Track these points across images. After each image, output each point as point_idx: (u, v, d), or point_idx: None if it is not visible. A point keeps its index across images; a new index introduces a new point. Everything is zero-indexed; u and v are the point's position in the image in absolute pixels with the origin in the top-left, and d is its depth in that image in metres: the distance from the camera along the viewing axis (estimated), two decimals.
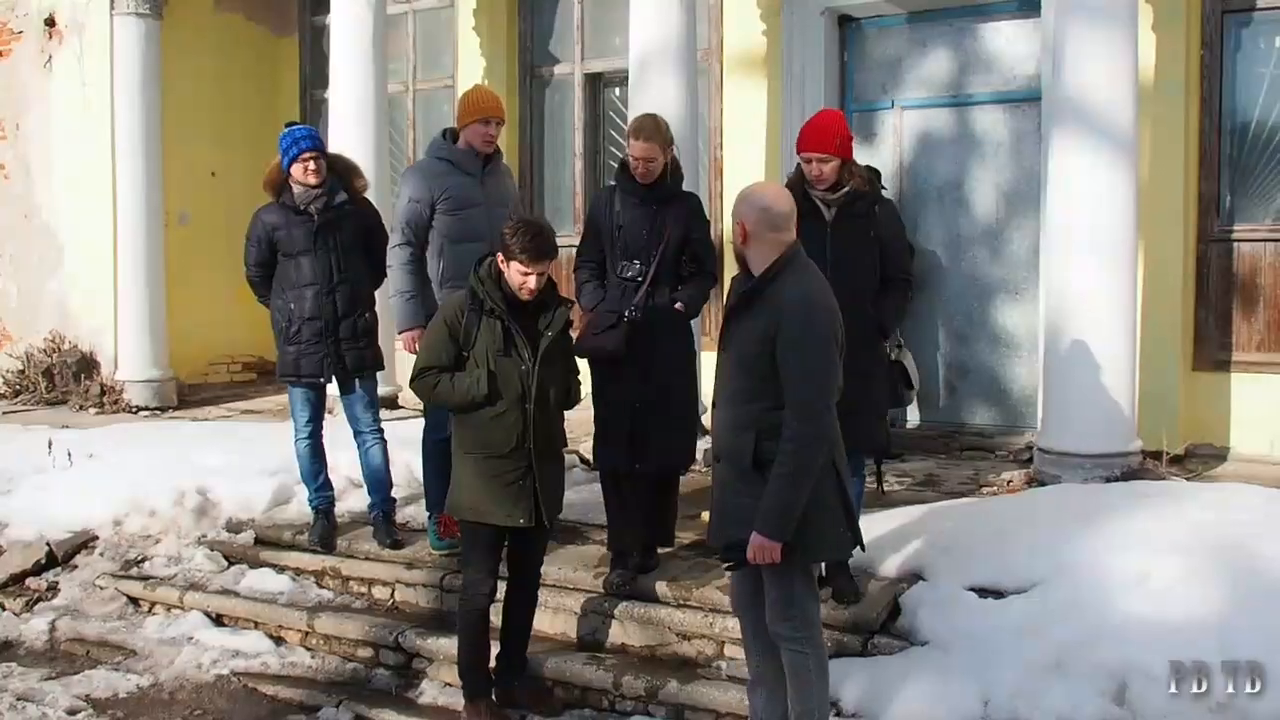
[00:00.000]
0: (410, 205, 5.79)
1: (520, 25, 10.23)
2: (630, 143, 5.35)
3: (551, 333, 4.75)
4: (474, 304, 4.70)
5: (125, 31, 10.32)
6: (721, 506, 4.08)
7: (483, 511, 4.75)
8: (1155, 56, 7.43)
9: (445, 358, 4.73)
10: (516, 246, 4.56)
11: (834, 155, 4.88)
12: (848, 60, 8.89)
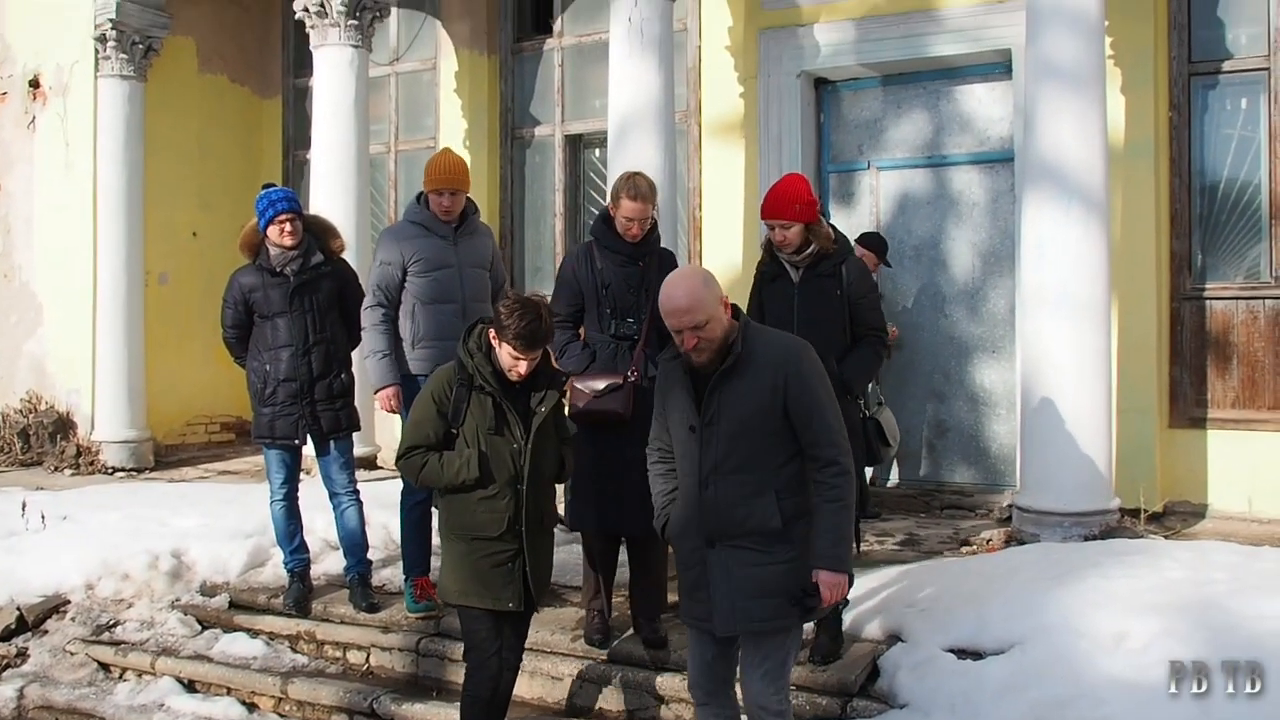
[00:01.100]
0: (381, 268, 5.90)
1: (501, 87, 10.33)
2: (622, 202, 5.27)
3: (545, 409, 4.49)
4: (463, 379, 4.45)
5: (110, 93, 10.39)
6: (735, 587, 3.83)
7: (471, 595, 4.50)
8: (1125, 118, 7.56)
9: (433, 436, 4.47)
10: (511, 330, 4.29)
11: (795, 221, 5.02)
12: (824, 122, 9.00)
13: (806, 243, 5.07)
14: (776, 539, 3.81)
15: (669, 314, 3.78)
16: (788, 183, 5.20)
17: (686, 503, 3.93)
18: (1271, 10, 7.41)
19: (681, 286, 3.79)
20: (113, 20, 10.23)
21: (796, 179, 5.26)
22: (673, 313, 3.77)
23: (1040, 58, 6.40)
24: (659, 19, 7.57)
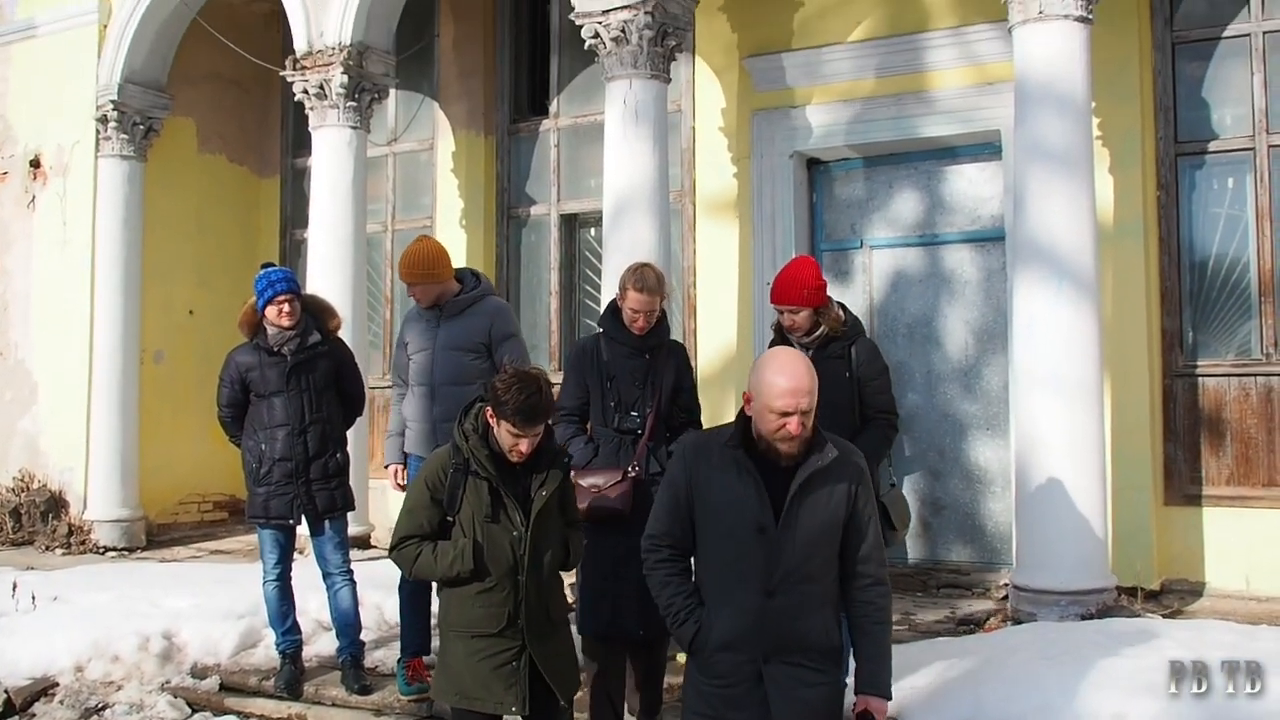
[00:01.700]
0: (397, 348, 6.19)
1: (498, 167, 10.45)
2: (628, 294, 5.16)
3: (546, 492, 4.17)
4: (458, 463, 4.15)
5: (109, 172, 10.50)
6: (796, 710, 3.51)
7: (470, 698, 4.13)
8: (1114, 197, 7.66)
9: (427, 525, 4.18)
10: (509, 406, 4.00)
11: (803, 306, 5.08)
12: (817, 201, 9.10)
13: (815, 325, 5.13)
14: (829, 658, 3.58)
15: (787, 393, 3.41)
16: (796, 267, 5.23)
17: (742, 612, 3.52)
18: (1255, 92, 7.54)
19: (800, 364, 3.53)
20: (114, 101, 10.38)
21: (805, 262, 5.29)
22: (793, 391, 3.42)
23: (1029, 139, 6.50)
24: (654, 101, 7.70)
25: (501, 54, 10.51)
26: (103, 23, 10.55)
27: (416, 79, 10.80)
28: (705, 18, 8.94)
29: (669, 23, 7.71)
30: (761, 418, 3.47)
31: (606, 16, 7.65)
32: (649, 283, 5.15)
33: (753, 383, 3.50)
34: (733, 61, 9.14)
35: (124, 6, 10.32)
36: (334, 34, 8.99)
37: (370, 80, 9.16)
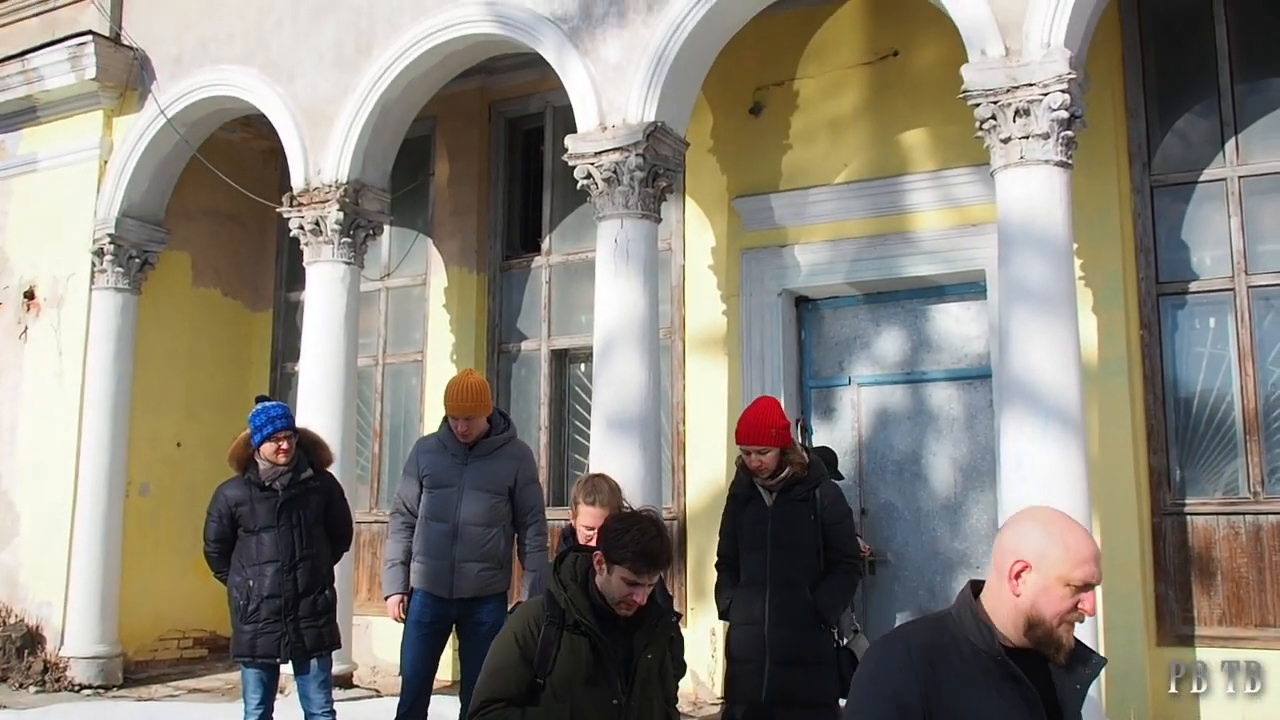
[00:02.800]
0: (404, 477, 6.16)
1: (489, 303, 10.57)
2: (580, 509, 4.84)
3: (652, 654, 3.74)
4: (553, 616, 3.68)
5: (103, 305, 10.56)
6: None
7: None
8: (1097, 336, 7.77)
9: (515, 687, 3.63)
10: (630, 548, 3.57)
11: (771, 446, 5.08)
12: (805, 338, 9.20)
13: (781, 467, 5.12)
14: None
15: (1091, 558, 2.60)
16: (762, 407, 5.26)
17: None
18: (1233, 234, 7.72)
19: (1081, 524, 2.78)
20: (111, 235, 10.49)
21: (769, 403, 5.31)
22: (1096, 556, 2.61)
23: (1012, 279, 6.60)
24: (644, 240, 7.83)
25: (495, 192, 10.73)
26: (104, 158, 10.72)
27: (411, 215, 10.99)
28: (695, 159, 9.16)
29: (660, 164, 7.89)
30: (1047, 595, 2.56)
31: (599, 158, 7.83)
32: (602, 495, 4.76)
33: (1030, 548, 2.60)
34: (722, 202, 9.34)
35: (126, 143, 10.52)
36: (331, 172, 9.17)
37: (365, 217, 9.31)
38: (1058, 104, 6.49)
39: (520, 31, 8.37)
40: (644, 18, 7.86)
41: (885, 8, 8.78)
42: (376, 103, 9.03)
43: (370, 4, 9.10)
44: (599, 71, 8.01)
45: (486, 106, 10.78)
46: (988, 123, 6.68)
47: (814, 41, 9.14)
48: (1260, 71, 7.83)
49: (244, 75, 9.83)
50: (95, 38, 10.32)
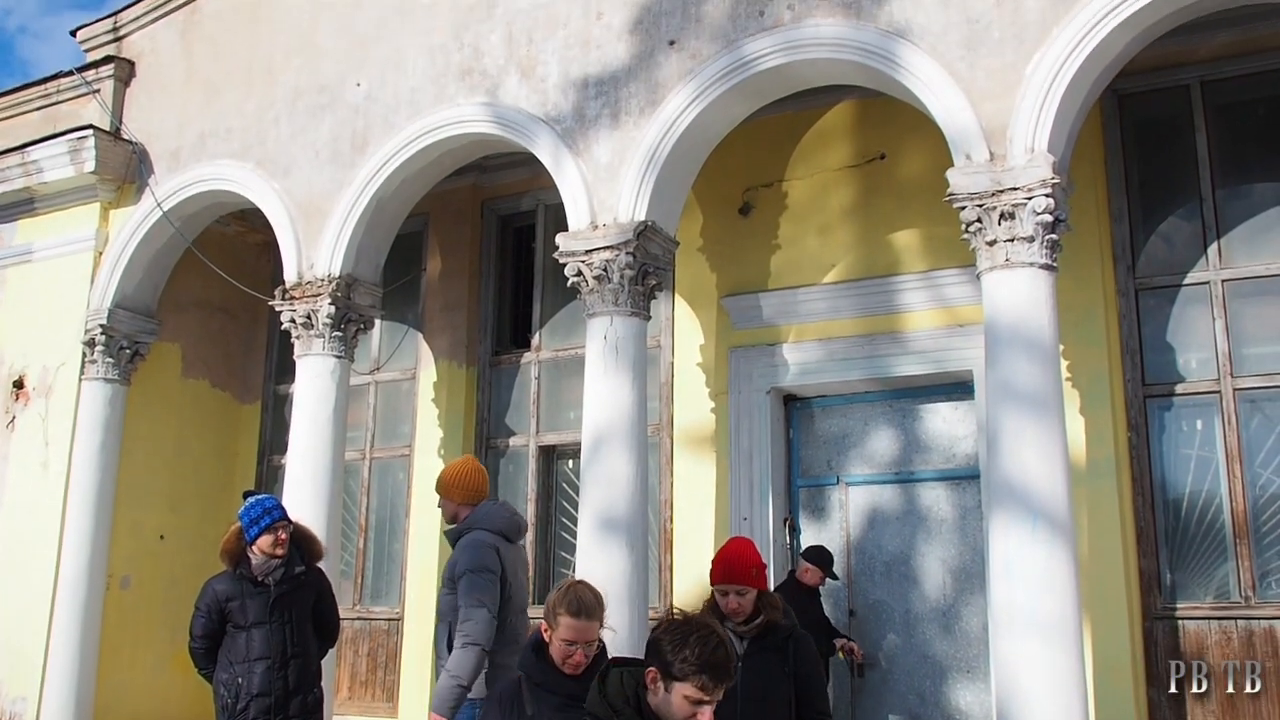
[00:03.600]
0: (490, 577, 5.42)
1: (478, 398, 10.57)
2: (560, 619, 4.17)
3: None
4: None
5: (92, 396, 10.53)
6: None
7: None
8: (1085, 437, 7.78)
9: None
10: (691, 662, 3.23)
11: (751, 587, 4.67)
12: (794, 437, 9.20)
13: (757, 611, 4.69)
14: None
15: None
16: (740, 545, 4.86)
17: None
18: (1217, 337, 7.77)
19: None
20: (103, 326, 10.50)
21: (746, 542, 4.93)
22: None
23: (1000, 381, 6.62)
24: (633, 337, 7.86)
25: (486, 288, 10.80)
26: (98, 250, 10.77)
27: (402, 310, 11.05)
28: (685, 258, 9.25)
29: (650, 263, 7.96)
30: None
31: (589, 256, 7.90)
32: (586, 603, 4.18)
33: None
34: (711, 300, 9.41)
35: (121, 235, 10.59)
36: (324, 266, 9.23)
37: (357, 311, 9.35)
38: (1042, 208, 6.58)
39: (515, 131, 8.50)
40: (636, 119, 8.00)
41: (872, 112, 8.94)
42: (371, 199, 9.12)
43: (367, 102, 9.26)
44: (591, 171, 8.12)
45: (479, 203, 10.91)
46: (973, 225, 6.77)
47: (802, 144, 9.29)
48: (1240, 177, 7.97)
49: (240, 170, 9.95)
50: (96, 132, 10.46)
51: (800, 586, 7.97)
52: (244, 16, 10.23)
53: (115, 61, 10.87)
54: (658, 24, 8.04)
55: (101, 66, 10.92)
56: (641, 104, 8.00)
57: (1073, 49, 6.66)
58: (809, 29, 7.44)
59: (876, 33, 7.21)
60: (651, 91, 7.97)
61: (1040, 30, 6.77)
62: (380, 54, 9.26)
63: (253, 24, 10.15)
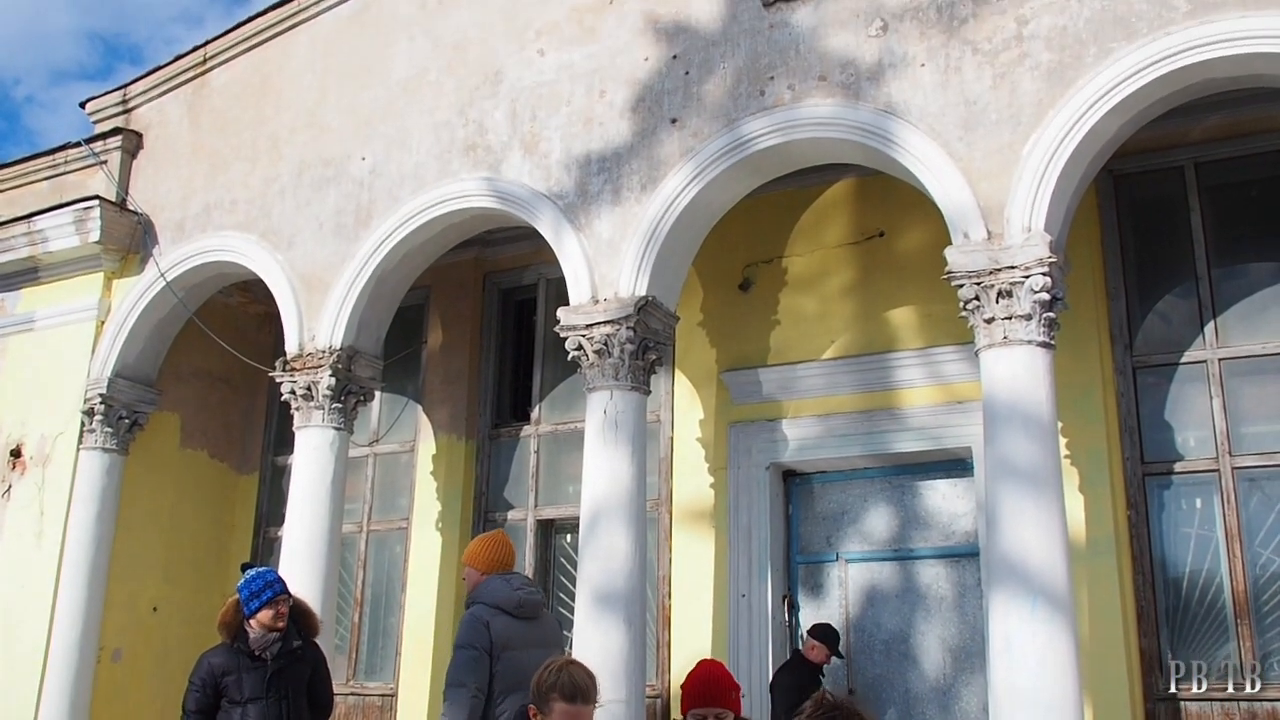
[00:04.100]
0: None
1: (477, 471, 10.55)
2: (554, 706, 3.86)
3: None
4: None
5: (89, 465, 10.50)
6: None
7: None
8: (1085, 515, 7.76)
9: None
10: None
11: (729, 710, 4.44)
12: (793, 513, 9.17)
13: None
14: None
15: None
16: (716, 667, 4.64)
17: None
18: (1215, 415, 7.79)
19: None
20: (103, 395, 10.50)
21: (718, 664, 4.73)
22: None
23: (998, 458, 6.63)
24: (633, 411, 7.87)
25: (486, 361, 10.84)
26: (100, 319, 10.81)
27: (402, 382, 11.07)
28: (685, 333, 9.30)
29: (650, 337, 8.00)
30: None
31: (590, 330, 7.94)
32: (582, 687, 3.89)
33: None
34: (711, 375, 9.44)
35: (124, 304, 10.64)
36: (325, 337, 9.26)
37: (357, 383, 9.37)
38: (1039, 286, 6.64)
39: (517, 206, 8.59)
40: (637, 196, 8.09)
41: (871, 190, 9.05)
42: (374, 271, 9.19)
43: (372, 176, 9.36)
44: (593, 246, 8.19)
45: (481, 277, 10.99)
46: (971, 303, 6.82)
47: (802, 221, 9.39)
48: (1235, 257, 8.05)
49: (244, 241, 10.03)
50: (102, 202, 10.56)
51: (805, 664, 7.91)
52: (252, 91, 10.38)
53: (123, 133, 11.01)
54: (659, 102, 8.17)
55: (109, 138, 11.06)
56: (643, 180, 8.10)
57: (1068, 131, 6.76)
58: (808, 108, 7.55)
59: (875, 113, 7.32)
60: (653, 168, 8.07)
61: (1036, 112, 6.89)
62: (386, 130, 9.39)
63: (260, 99, 10.30)
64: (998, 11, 7.13)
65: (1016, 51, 7.02)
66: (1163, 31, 6.62)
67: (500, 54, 8.97)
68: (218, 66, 10.68)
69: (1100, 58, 6.76)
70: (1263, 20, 6.39)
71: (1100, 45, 6.77)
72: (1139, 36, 6.68)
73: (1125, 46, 6.70)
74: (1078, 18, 6.88)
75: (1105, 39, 6.77)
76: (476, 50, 9.10)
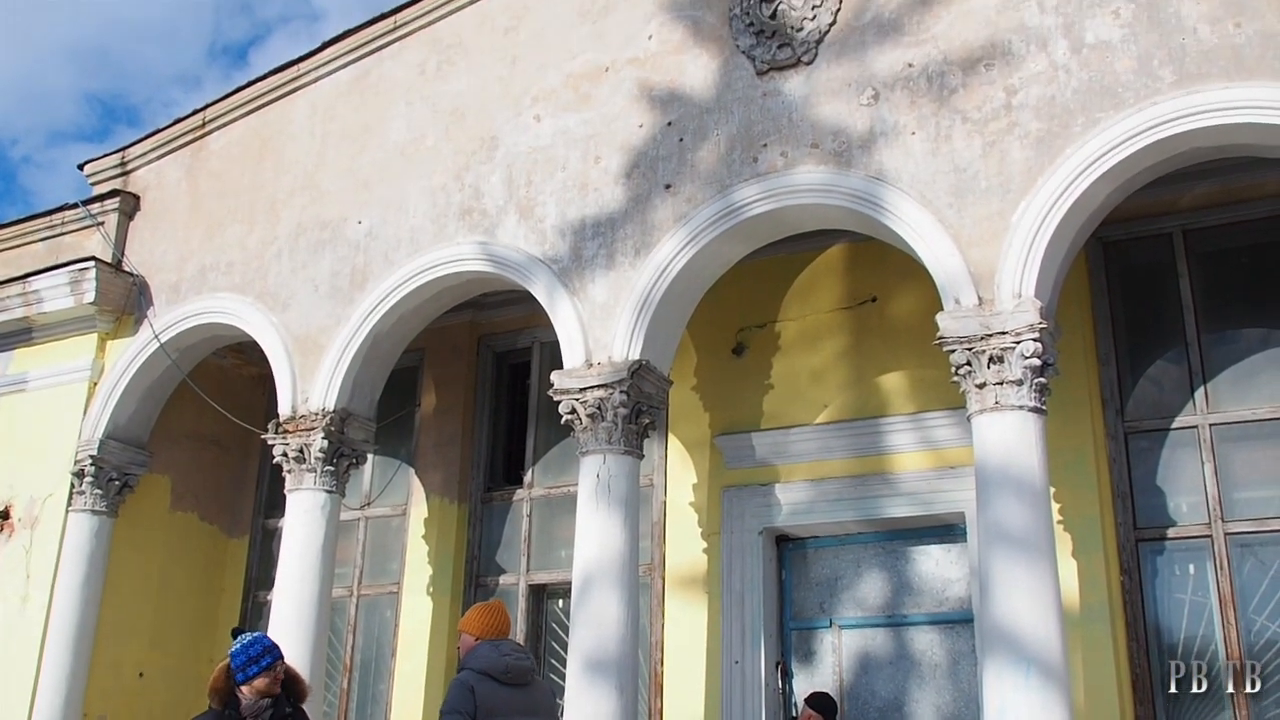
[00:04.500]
0: None
1: (469, 535, 10.50)
2: None
3: None
4: None
5: (78, 528, 10.42)
6: None
7: None
8: (1078, 581, 7.75)
9: None
10: None
11: None
12: (786, 578, 9.13)
13: None
14: None
15: None
16: None
17: None
18: (1207, 481, 7.81)
19: None
20: (94, 457, 10.45)
21: None
22: None
23: (990, 523, 6.62)
24: (626, 475, 7.86)
25: (480, 424, 10.83)
26: (93, 380, 10.78)
27: (395, 445, 11.05)
28: (678, 397, 9.32)
29: (643, 401, 8.02)
30: None
31: (584, 394, 7.96)
32: None
33: None
34: (704, 439, 9.44)
35: (117, 366, 10.63)
36: (319, 399, 9.26)
37: (350, 446, 9.35)
38: (1030, 352, 6.68)
39: (512, 270, 8.64)
40: (631, 260, 8.15)
41: (864, 256, 9.13)
42: (368, 334, 9.21)
43: (368, 239, 9.42)
44: (587, 310, 8.23)
45: (475, 340, 11.02)
46: (963, 368, 6.86)
47: (795, 286, 9.45)
48: (1224, 323, 8.11)
49: (240, 303, 10.05)
50: (98, 263, 10.59)
51: None
52: (250, 154, 10.47)
53: (121, 195, 11.07)
54: (654, 168, 8.26)
55: (107, 200, 11.12)
56: (637, 245, 8.16)
57: (1057, 198, 6.84)
58: (801, 175, 7.64)
59: (866, 180, 7.41)
60: (647, 233, 8.14)
61: (1025, 180, 6.97)
62: (383, 193, 9.46)
63: (259, 162, 10.39)
64: (987, 82, 7.24)
65: (1006, 121, 7.12)
66: (1149, 101, 6.73)
67: (497, 120, 9.07)
68: (217, 130, 10.78)
69: (1088, 127, 6.86)
70: (1246, 91, 6.50)
71: (1088, 115, 6.88)
72: (1126, 106, 6.79)
73: (1112, 116, 6.80)
74: (1065, 88, 7.00)
75: (1093, 109, 6.88)
76: (474, 116, 9.20)
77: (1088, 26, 7.02)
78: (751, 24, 8.09)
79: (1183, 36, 6.74)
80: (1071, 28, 7.07)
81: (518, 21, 9.23)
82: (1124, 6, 6.95)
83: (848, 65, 7.72)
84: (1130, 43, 6.88)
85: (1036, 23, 7.18)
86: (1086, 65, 6.97)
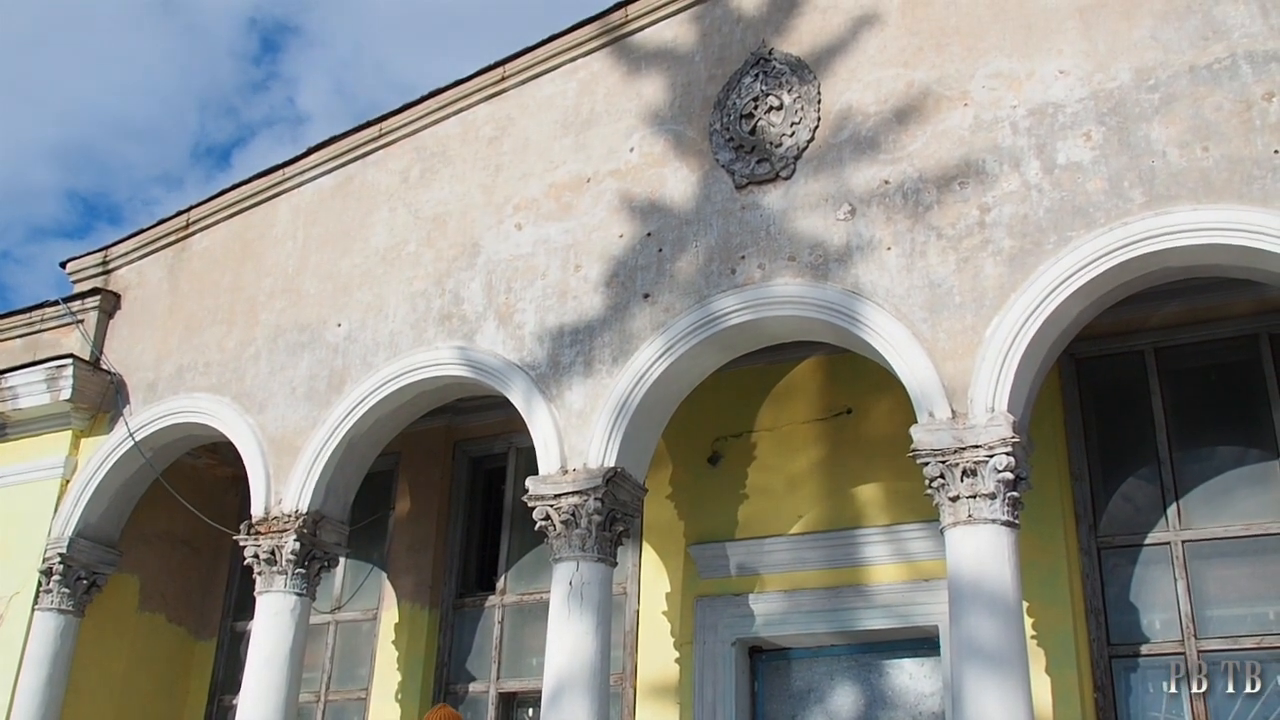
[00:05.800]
0: None
1: (440, 641, 10.37)
2: None
3: None
4: None
5: (43, 627, 10.23)
6: None
7: None
8: (1051, 697, 7.69)
9: None
10: None
11: None
12: (758, 690, 9.04)
13: None
14: None
15: None
16: None
17: None
18: (1179, 598, 7.80)
19: None
20: (62, 555, 10.31)
21: None
22: None
23: (963, 638, 6.58)
24: (599, 583, 7.81)
25: (453, 530, 10.77)
26: (66, 477, 10.68)
27: (367, 549, 10.96)
28: (653, 505, 9.31)
29: (618, 509, 8.01)
30: None
31: (558, 500, 7.94)
32: None
33: None
34: (678, 548, 9.41)
35: (90, 463, 10.56)
36: (292, 501, 9.20)
37: (322, 549, 9.27)
38: (1003, 466, 6.72)
39: (490, 376, 8.68)
40: (609, 368, 8.21)
41: (839, 367, 9.21)
42: (344, 436, 9.20)
43: (347, 342, 9.46)
44: (563, 417, 8.26)
45: (451, 444, 11.01)
46: (937, 481, 6.89)
47: (771, 396, 9.52)
48: (1196, 440, 8.19)
49: (216, 404, 10.03)
50: (75, 361, 10.58)
51: None
52: (232, 256, 10.55)
53: (101, 294, 11.12)
54: (633, 278, 8.36)
55: (88, 298, 11.15)
56: (614, 353, 8.22)
57: (1030, 314, 6.95)
58: (778, 287, 7.75)
59: (842, 293, 7.52)
60: (625, 341, 8.21)
61: (999, 295, 7.09)
62: (363, 297, 9.53)
63: (240, 264, 10.46)
64: (961, 199, 7.40)
65: (979, 238, 7.27)
66: (1120, 221, 6.88)
67: (478, 227, 9.20)
68: (199, 231, 10.87)
69: (1060, 245, 7.00)
70: (1214, 213, 6.66)
71: (1060, 233, 7.03)
72: (1097, 226, 6.94)
73: (1084, 235, 6.95)
74: (1038, 207, 7.16)
75: (1064, 227, 7.03)
76: (455, 223, 9.33)
77: (1059, 148, 7.21)
78: (731, 139, 8.27)
79: (1152, 159, 6.93)
80: (1044, 149, 7.26)
81: (501, 131, 9.42)
82: (1095, 129, 7.15)
83: (825, 181, 7.89)
84: (1101, 164, 7.06)
85: (1010, 143, 7.37)
86: (1059, 185, 7.14)
